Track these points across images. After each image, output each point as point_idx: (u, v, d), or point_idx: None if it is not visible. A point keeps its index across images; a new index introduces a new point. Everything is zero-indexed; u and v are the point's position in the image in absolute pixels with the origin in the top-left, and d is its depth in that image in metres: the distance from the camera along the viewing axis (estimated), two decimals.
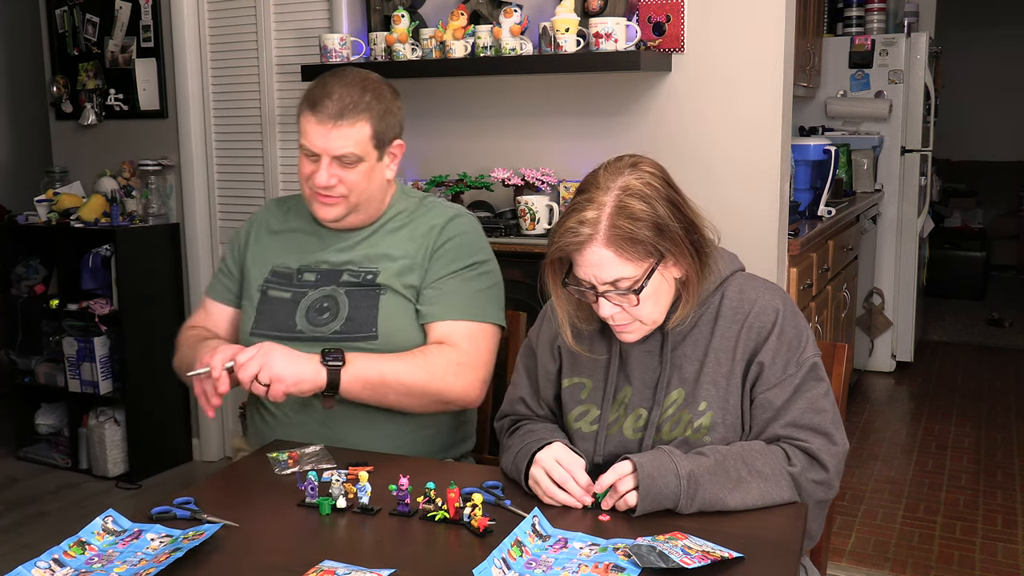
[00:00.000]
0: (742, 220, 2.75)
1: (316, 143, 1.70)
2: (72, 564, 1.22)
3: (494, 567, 1.14)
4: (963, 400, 4.52)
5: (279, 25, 3.47)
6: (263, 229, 1.90)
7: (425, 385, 1.67)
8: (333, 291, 1.76)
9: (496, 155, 3.15)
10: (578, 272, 1.39)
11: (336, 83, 1.71)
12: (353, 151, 1.71)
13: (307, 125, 1.71)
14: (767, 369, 1.42)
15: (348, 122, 1.69)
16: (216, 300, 1.93)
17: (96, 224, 3.60)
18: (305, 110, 1.71)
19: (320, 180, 1.70)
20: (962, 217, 7.63)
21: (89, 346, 3.62)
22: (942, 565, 2.88)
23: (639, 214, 1.34)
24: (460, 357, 1.71)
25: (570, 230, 1.35)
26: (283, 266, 1.83)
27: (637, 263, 1.35)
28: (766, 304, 1.45)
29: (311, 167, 1.72)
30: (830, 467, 1.41)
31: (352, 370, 1.63)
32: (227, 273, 1.92)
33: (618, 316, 1.40)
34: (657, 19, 2.82)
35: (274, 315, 1.79)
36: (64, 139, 4.07)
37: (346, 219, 1.78)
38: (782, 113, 2.75)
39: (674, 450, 1.36)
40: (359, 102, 1.70)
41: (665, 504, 1.32)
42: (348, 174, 1.72)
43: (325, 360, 1.62)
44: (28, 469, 3.83)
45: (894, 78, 4.73)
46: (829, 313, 3.67)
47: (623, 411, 1.49)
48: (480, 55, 2.92)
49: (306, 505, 1.40)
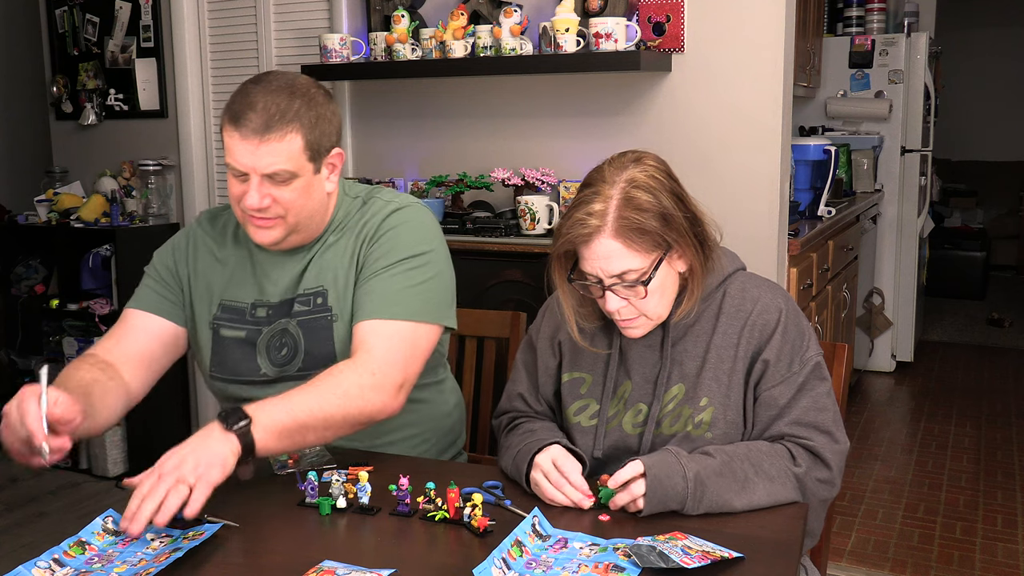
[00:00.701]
0: (742, 220, 2.75)
1: (243, 161, 1.53)
2: (72, 564, 1.22)
3: (494, 567, 1.14)
4: (963, 400, 4.51)
5: (279, 25, 3.47)
6: (202, 251, 1.73)
7: (344, 412, 1.47)
8: (287, 324, 1.64)
9: (496, 155, 3.15)
10: (585, 266, 1.39)
11: (259, 91, 1.53)
12: (285, 167, 1.53)
13: (230, 141, 1.54)
14: (771, 367, 1.43)
15: (276, 135, 1.51)
16: (148, 311, 1.71)
17: (96, 224, 3.60)
18: (227, 124, 1.54)
19: (252, 202, 1.53)
20: (962, 217, 7.63)
21: (89, 346, 3.60)
22: (942, 565, 2.88)
23: (646, 205, 1.35)
24: (374, 365, 1.51)
25: (578, 222, 1.36)
26: (232, 300, 1.68)
27: (644, 255, 1.36)
28: (769, 303, 1.46)
29: (240, 187, 1.55)
30: (833, 465, 1.41)
31: (263, 425, 1.38)
32: (162, 283, 1.72)
33: (624, 311, 1.41)
34: (657, 19, 2.82)
35: (234, 359, 1.66)
36: (64, 139, 4.07)
37: (286, 240, 1.62)
38: (782, 113, 2.75)
39: (680, 451, 1.36)
40: (287, 111, 1.52)
41: (671, 506, 1.31)
42: (282, 192, 1.55)
43: (228, 424, 1.35)
44: (28, 469, 3.83)
45: (894, 78, 4.73)
46: (829, 313, 3.67)
47: (622, 406, 1.49)
48: (480, 55, 2.92)
49: (306, 505, 1.40)
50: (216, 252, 1.73)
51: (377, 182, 3.11)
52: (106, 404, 1.53)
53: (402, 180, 3.28)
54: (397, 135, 3.30)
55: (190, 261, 1.73)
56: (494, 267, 2.78)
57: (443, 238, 1.72)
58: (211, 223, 1.77)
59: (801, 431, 1.42)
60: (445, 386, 1.82)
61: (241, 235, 1.71)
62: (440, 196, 3.13)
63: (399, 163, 3.31)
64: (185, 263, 1.73)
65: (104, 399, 1.53)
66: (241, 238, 1.72)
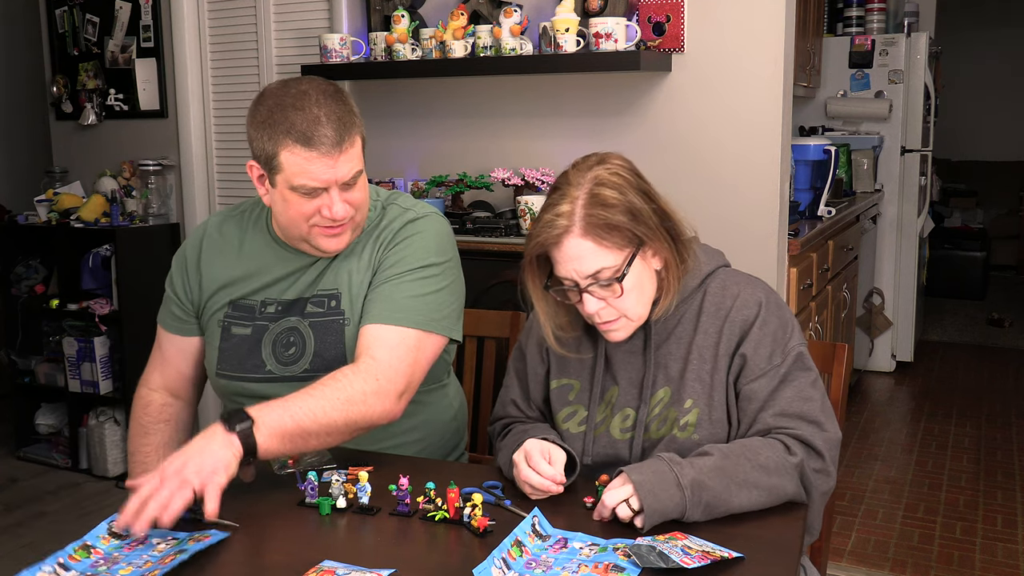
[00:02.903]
0: (742, 220, 2.75)
1: (323, 177, 1.52)
2: (77, 568, 1.21)
3: (494, 567, 1.14)
4: (963, 400, 4.51)
5: (279, 25, 3.47)
6: (214, 253, 1.74)
7: (346, 418, 1.47)
8: (297, 323, 1.65)
9: (496, 155, 3.15)
10: (559, 270, 1.39)
11: (311, 105, 1.52)
12: (359, 168, 1.58)
13: (305, 162, 1.51)
14: (750, 360, 1.42)
15: (348, 142, 1.54)
16: (169, 332, 1.78)
17: (96, 224, 3.60)
18: (295, 146, 1.51)
19: (339, 212, 1.54)
20: (962, 217, 7.63)
21: (89, 346, 3.62)
22: (942, 565, 2.88)
23: (612, 200, 1.36)
24: (377, 371, 1.52)
25: (547, 224, 1.37)
26: (244, 298, 1.69)
27: (616, 251, 1.36)
28: (748, 297, 1.45)
29: (310, 204, 1.54)
30: (825, 454, 1.39)
31: (265, 428, 1.39)
32: (176, 302, 1.76)
33: (603, 312, 1.40)
34: (657, 19, 2.82)
35: (239, 355, 1.67)
36: (64, 139, 4.07)
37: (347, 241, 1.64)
38: (782, 113, 2.75)
39: (674, 457, 1.33)
40: (344, 116, 1.54)
41: (671, 515, 1.29)
42: (353, 194, 1.58)
43: (230, 426, 1.37)
44: (28, 469, 3.83)
45: (894, 78, 4.73)
46: (829, 313, 3.67)
47: (610, 411, 1.48)
48: (480, 55, 2.92)
49: (306, 505, 1.40)
50: (228, 253, 1.73)
51: (377, 182, 3.11)
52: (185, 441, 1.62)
53: (402, 180, 3.28)
54: (397, 135, 3.30)
55: (202, 265, 1.74)
56: (494, 267, 2.78)
57: (457, 251, 1.74)
58: (223, 224, 1.77)
59: (787, 422, 1.39)
60: (449, 390, 1.82)
61: (252, 235, 1.72)
62: (440, 196, 3.13)
63: (399, 163, 3.31)
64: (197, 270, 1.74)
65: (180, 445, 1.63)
66: (252, 238, 1.72)
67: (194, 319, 1.76)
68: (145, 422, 1.79)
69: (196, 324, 1.76)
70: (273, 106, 1.54)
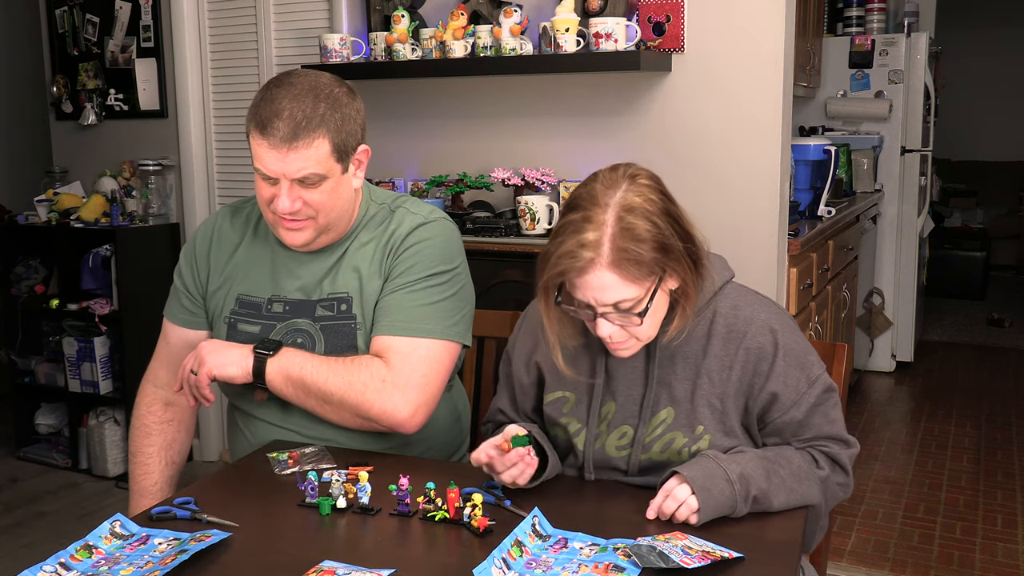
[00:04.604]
0: (742, 220, 2.75)
1: (272, 167, 1.53)
2: (79, 568, 1.21)
3: (494, 567, 1.14)
4: (963, 400, 4.52)
5: (279, 25, 3.47)
6: (223, 245, 1.75)
7: (342, 395, 1.55)
8: (308, 326, 1.66)
9: (496, 155, 3.15)
10: (576, 293, 1.32)
11: (284, 96, 1.52)
12: (314, 171, 1.54)
13: (258, 148, 1.54)
14: (781, 396, 1.40)
15: (304, 143, 1.51)
16: (176, 324, 1.79)
17: (96, 224, 3.60)
18: (253, 131, 1.54)
19: (283, 207, 1.54)
20: (962, 217, 7.63)
21: (89, 346, 3.62)
22: (942, 565, 2.88)
23: (644, 235, 1.27)
24: (388, 374, 1.56)
25: (569, 253, 1.28)
26: (251, 295, 1.70)
27: (640, 284, 1.30)
28: (763, 324, 1.41)
29: (270, 190, 1.56)
30: (849, 469, 1.45)
31: (279, 362, 1.57)
32: (186, 294, 1.77)
33: (616, 335, 1.35)
34: (657, 19, 2.82)
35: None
36: (64, 139, 4.07)
37: (316, 241, 1.63)
38: (782, 113, 2.75)
39: (719, 454, 1.35)
40: (312, 117, 1.51)
41: (722, 512, 1.30)
42: (312, 195, 1.56)
43: (257, 345, 1.59)
44: (28, 469, 3.82)
45: (894, 78, 4.73)
46: (829, 313, 3.67)
47: (605, 427, 1.46)
48: (480, 55, 2.92)
49: (306, 505, 1.40)
50: (237, 247, 1.74)
51: (377, 182, 3.11)
52: (187, 441, 1.86)
53: (402, 180, 3.28)
54: (397, 135, 3.30)
55: (211, 257, 1.75)
56: (494, 267, 2.78)
57: (465, 255, 1.73)
58: (233, 217, 1.78)
59: (819, 442, 1.43)
60: (453, 392, 1.82)
61: (262, 230, 1.73)
62: (440, 196, 3.13)
63: (399, 163, 3.31)
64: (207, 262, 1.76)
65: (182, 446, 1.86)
66: (262, 233, 1.74)
67: (203, 312, 1.77)
68: (149, 422, 1.80)
69: (205, 317, 1.77)
70: (264, 90, 1.58)
